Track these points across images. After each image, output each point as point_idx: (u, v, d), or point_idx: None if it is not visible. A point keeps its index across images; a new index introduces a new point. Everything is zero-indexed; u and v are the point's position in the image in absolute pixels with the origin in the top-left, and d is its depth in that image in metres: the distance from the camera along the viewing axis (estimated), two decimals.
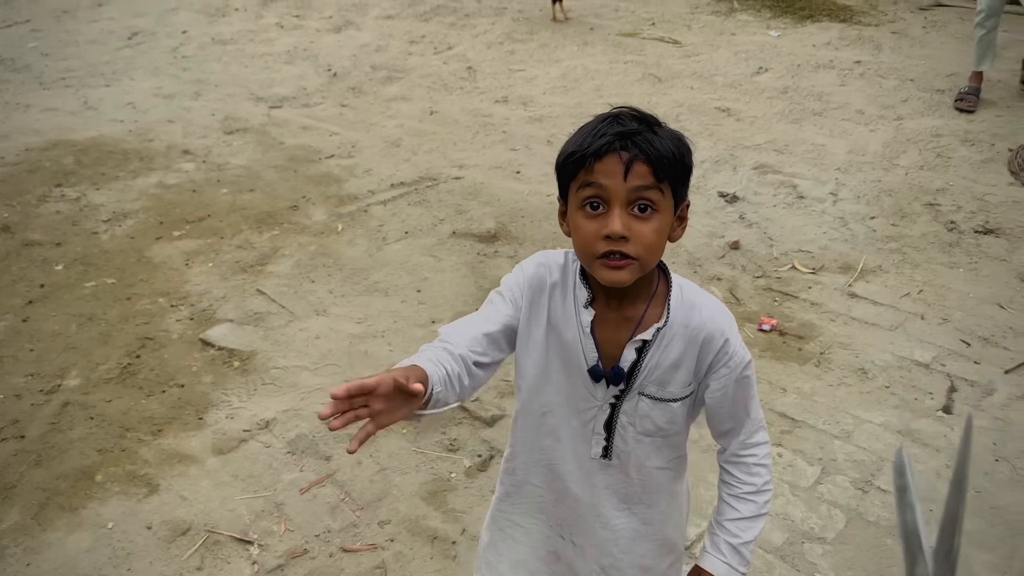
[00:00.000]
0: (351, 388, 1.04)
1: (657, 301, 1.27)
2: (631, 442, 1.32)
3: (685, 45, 6.02)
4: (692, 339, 1.26)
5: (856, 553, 2.25)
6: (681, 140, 1.20)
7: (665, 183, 1.17)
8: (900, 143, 4.54)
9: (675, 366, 1.27)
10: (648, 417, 1.30)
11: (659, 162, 1.14)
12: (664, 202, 1.17)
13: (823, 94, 5.13)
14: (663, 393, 1.28)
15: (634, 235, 1.15)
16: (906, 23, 6.32)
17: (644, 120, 1.19)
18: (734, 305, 3.28)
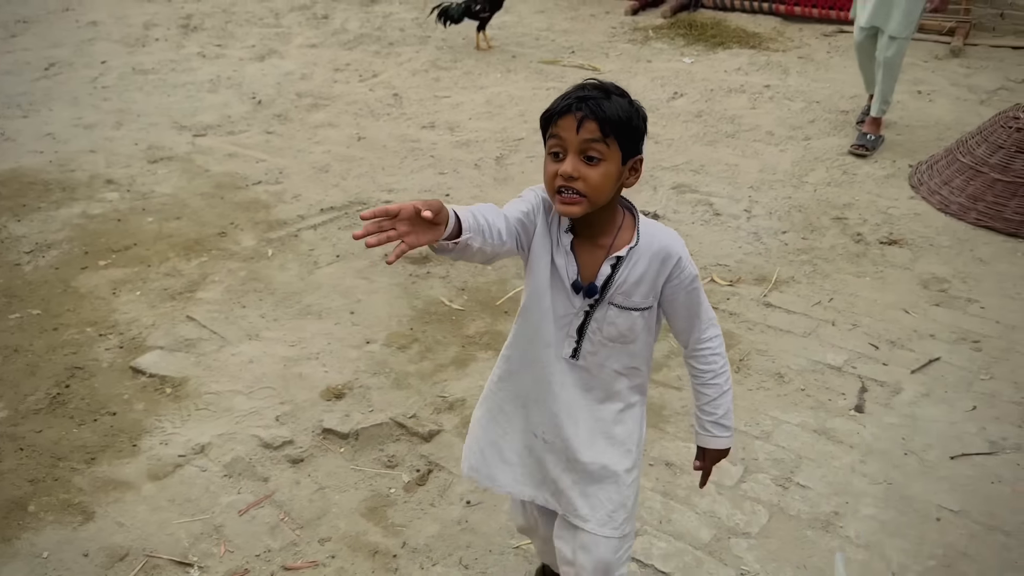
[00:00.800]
0: (376, 211, 1.31)
1: (625, 231, 1.60)
2: (596, 345, 1.65)
3: (604, 72, 6.23)
4: (654, 257, 1.58)
5: (779, 546, 2.37)
6: (632, 106, 1.50)
7: (611, 138, 1.46)
8: (808, 161, 4.80)
9: (639, 281, 1.59)
10: (613, 324, 1.62)
11: (605, 121, 1.45)
12: (610, 153, 1.48)
13: (735, 117, 5.38)
14: (628, 303, 1.61)
15: (583, 176, 1.46)
16: (811, 48, 6.67)
17: (603, 89, 1.50)
18: None
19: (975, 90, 5.83)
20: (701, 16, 7.34)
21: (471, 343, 3.28)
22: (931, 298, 3.54)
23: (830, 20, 7.11)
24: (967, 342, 3.24)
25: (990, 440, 2.76)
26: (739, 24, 7.15)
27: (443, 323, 3.39)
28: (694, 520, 2.45)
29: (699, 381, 1.72)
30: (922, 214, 4.22)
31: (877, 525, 2.44)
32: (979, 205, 4.12)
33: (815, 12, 7.21)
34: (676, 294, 1.62)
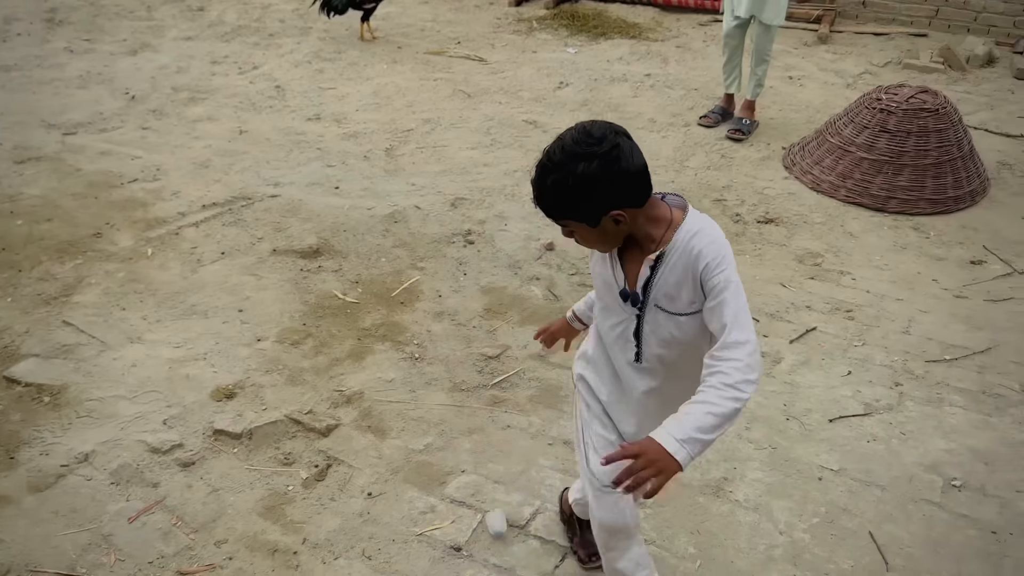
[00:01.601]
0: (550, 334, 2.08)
1: (671, 231, 1.60)
2: (656, 347, 1.69)
3: (491, 63, 6.25)
4: (690, 259, 1.56)
5: (674, 514, 2.46)
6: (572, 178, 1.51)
7: (563, 219, 1.58)
8: (689, 147, 4.96)
9: (679, 284, 1.60)
10: (664, 327, 1.65)
11: (547, 209, 1.58)
12: (574, 225, 1.58)
13: (619, 105, 5.50)
14: (672, 307, 1.63)
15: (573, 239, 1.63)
16: (688, 38, 6.89)
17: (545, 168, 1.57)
18: (553, 301, 3.47)
19: (841, 74, 6.15)
20: (583, 7, 7.47)
21: (367, 335, 3.24)
22: (806, 272, 3.72)
23: (705, 10, 7.36)
24: (840, 312, 3.43)
25: (864, 402, 2.93)
26: (619, 15, 7.31)
27: (337, 317, 3.34)
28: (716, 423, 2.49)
29: (705, 382, 1.52)
30: (795, 193, 4.43)
31: (764, 488, 2.56)
32: (848, 183, 4.36)
33: (691, 2, 7.45)
34: (708, 294, 1.57)
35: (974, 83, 6.04)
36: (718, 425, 1.46)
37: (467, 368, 3.07)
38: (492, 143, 4.95)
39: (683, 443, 1.43)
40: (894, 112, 4.34)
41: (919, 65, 6.26)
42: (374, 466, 2.62)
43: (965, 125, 4.49)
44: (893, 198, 4.25)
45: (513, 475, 2.58)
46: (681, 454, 1.42)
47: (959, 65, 6.23)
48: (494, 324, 3.33)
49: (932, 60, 6.34)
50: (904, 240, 4.01)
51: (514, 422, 2.81)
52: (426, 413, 2.85)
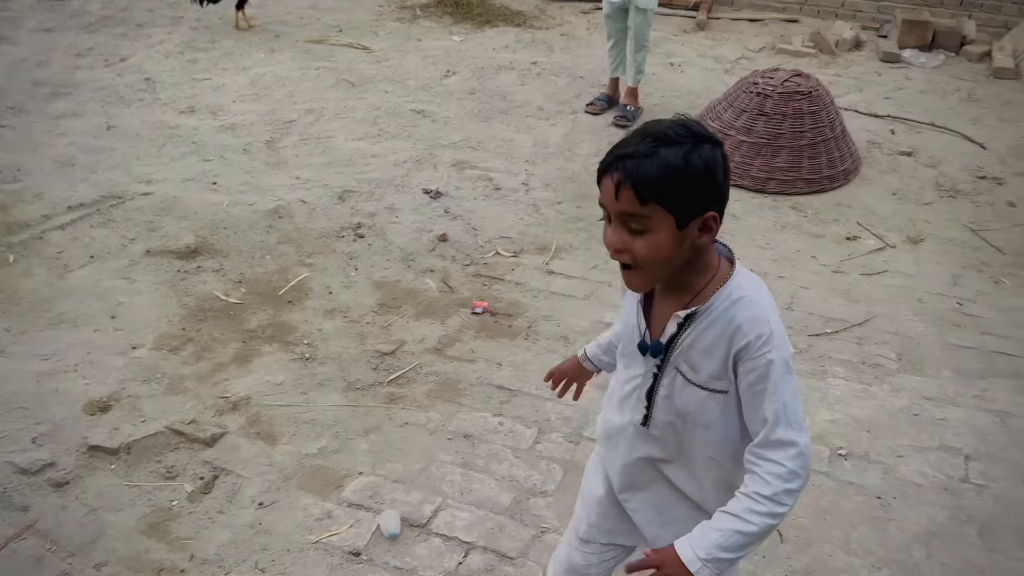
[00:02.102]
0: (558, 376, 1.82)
1: (712, 286, 1.33)
2: (667, 415, 1.42)
3: (375, 51, 6.12)
4: (725, 329, 1.31)
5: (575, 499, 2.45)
6: (685, 161, 1.23)
7: (652, 205, 1.24)
8: (577, 134, 4.98)
9: (708, 352, 1.33)
10: (681, 396, 1.39)
11: (641, 188, 1.22)
12: (655, 221, 1.25)
13: (507, 94, 5.48)
14: (694, 376, 1.36)
15: (629, 249, 1.27)
16: (572, 26, 6.93)
17: (659, 139, 1.24)
18: (448, 293, 3.42)
19: (720, 60, 6.33)
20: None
21: (253, 337, 3.10)
22: None
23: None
24: None
25: None
26: (503, 2, 7.29)
27: (220, 319, 3.19)
28: (494, 487, 2.48)
29: (740, 489, 1.34)
30: None
31: None
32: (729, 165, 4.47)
33: None
34: (741, 381, 1.33)
35: (843, 66, 6.32)
36: (747, 544, 1.31)
37: (361, 366, 2.98)
38: (379, 133, 4.84)
39: (706, 563, 1.29)
40: (770, 96, 4.48)
41: (792, 50, 6.51)
42: (265, 474, 2.51)
43: (836, 107, 4.69)
44: (772, 179, 4.40)
45: (412, 473, 2.52)
46: (703, 574, 1.29)
47: (829, 49, 6.50)
48: (388, 319, 3.25)
49: (804, 45, 6.60)
50: (784, 220, 4.15)
51: (412, 419, 2.75)
52: (319, 415, 2.75)
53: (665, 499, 1.52)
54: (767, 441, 1.31)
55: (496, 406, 2.81)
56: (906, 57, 6.44)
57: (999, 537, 2.37)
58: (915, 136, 5.12)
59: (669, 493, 1.52)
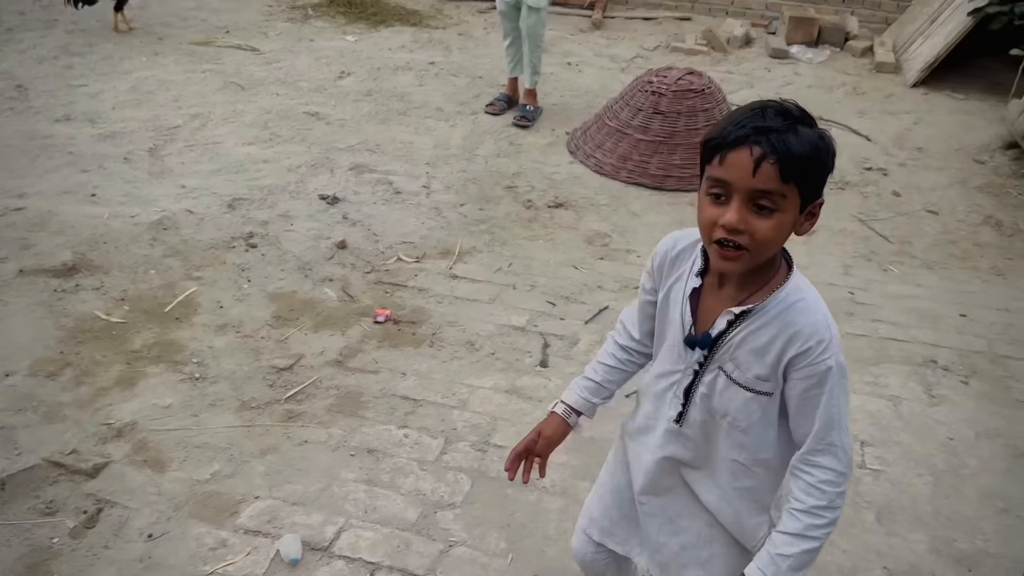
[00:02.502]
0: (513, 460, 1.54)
1: (768, 289, 1.30)
2: (703, 414, 1.38)
3: (264, 52, 5.92)
4: (782, 332, 1.27)
5: (484, 510, 2.40)
6: (822, 141, 1.20)
7: (791, 184, 1.18)
8: (478, 135, 4.93)
9: (757, 354, 1.29)
10: (721, 396, 1.35)
11: (788, 163, 1.16)
12: (787, 202, 1.19)
13: (404, 94, 5.39)
14: (739, 377, 1.32)
15: (750, 230, 1.19)
16: (470, 25, 6.88)
17: (790, 116, 1.19)
18: (348, 303, 3.31)
19: (616, 59, 6.39)
20: None
21: (138, 358, 2.93)
22: (596, 253, 3.80)
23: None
24: (630, 289, 3.53)
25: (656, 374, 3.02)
26: (398, 1, 7.18)
27: (101, 340, 2.99)
28: (399, 502, 2.40)
29: (788, 505, 1.35)
30: (581, 177, 4.53)
31: (569, 471, 2.57)
32: (628, 164, 4.50)
33: None
34: (792, 389, 1.31)
35: (735, 63, 6.48)
36: (814, 558, 1.34)
37: (256, 383, 2.85)
38: (271, 137, 4.67)
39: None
40: (665, 94, 4.53)
41: (685, 48, 6.63)
42: (153, 504, 2.36)
43: (729, 104, 4.78)
44: (670, 176, 4.45)
45: (313, 494, 2.42)
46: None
47: (721, 47, 6.65)
48: (285, 332, 3.12)
49: (697, 43, 6.74)
50: (682, 216, 4.20)
51: (312, 436, 2.64)
52: (211, 438, 2.61)
53: (680, 509, 1.50)
54: (818, 447, 1.30)
55: (401, 418, 2.73)
56: (794, 53, 6.65)
57: (896, 520, 2.44)
58: None
59: (686, 503, 1.49)
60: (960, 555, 2.35)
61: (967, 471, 2.65)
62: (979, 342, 3.29)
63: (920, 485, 2.58)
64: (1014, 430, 2.84)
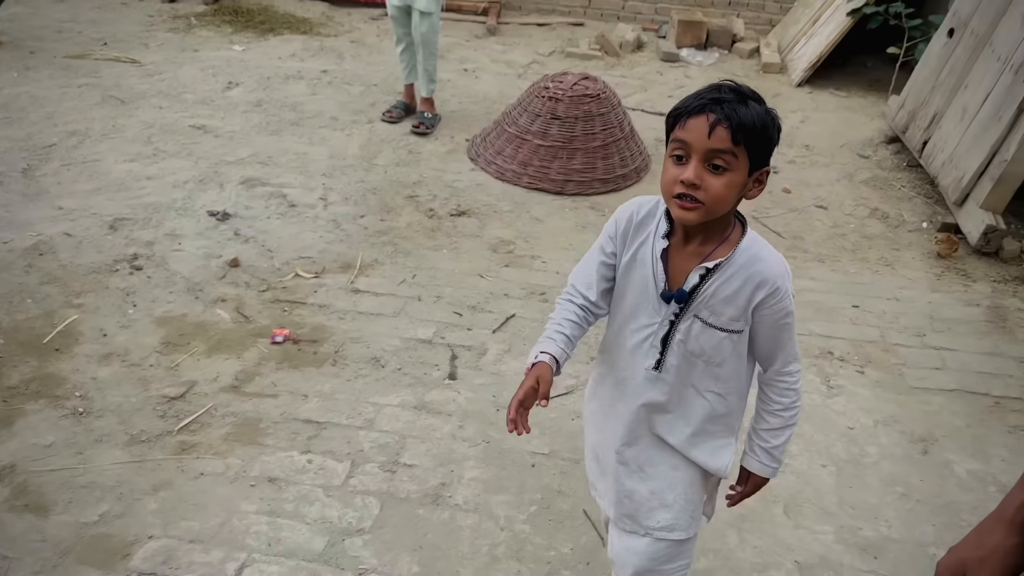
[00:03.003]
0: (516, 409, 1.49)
1: (728, 244, 1.49)
2: (680, 358, 1.55)
3: (145, 64, 5.65)
4: (749, 280, 1.48)
5: (394, 533, 2.32)
6: (769, 116, 1.41)
7: (741, 147, 1.38)
8: (375, 144, 4.83)
9: (728, 300, 1.49)
10: (697, 339, 1.53)
11: (739, 128, 1.36)
12: (737, 164, 1.39)
13: (297, 104, 5.23)
14: (714, 320, 1.51)
15: (705, 185, 1.38)
16: (362, 32, 6.76)
17: (740, 92, 1.40)
18: (244, 324, 3.17)
19: (512, 65, 6.39)
20: (246, 2, 7.02)
21: (15, 395, 2.72)
22: (501, 260, 3.77)
23: (375, 4, 7.26)
24: (536, 296, 3.51)
25: (565, 381, 3.00)
26: (287, 9, 6.99)
27: None
28: (305, 532, 2.30)
29: (766, 408, 1.65)
30: (483, 184, 4.49)
31: (481, 486, 2.51)
32: (529, 170, 4.49)
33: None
34: (763, 323, 1.54)
35: (628, 67, 6.57)
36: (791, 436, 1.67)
37: (146, 415, 2.69)
38: (155, 153, 4.45)
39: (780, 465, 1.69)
40: (561, 99, 4.54)
41: (580, 53, 6.69)
42: (36, 552, 2.19)
43: (624, 107, 4.83)
44: (570, 181, 4.46)
45: (211, 530, 2.29)
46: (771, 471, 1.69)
47: (614, 51, 6.74)
48: (175, 359, 2.96)
49: (590, 47, 6.81)
50: (584, 220, 4.21)
51: (208, 468, 2.50)
52: (98, 477, 2.44)
53: (651, 456, 1.66)
54: (788, 359, 1.59)
55: (303, 442, 2.62)
56: (684, 56, 6.80)
57: (803, 513, 2.49)
58: None
59: (655, 451, 1.66)
60: (866, 543, 2.41)
61: (868, 459, 2.73)
62: (872, 332, 3.41)
63: (824, 476, 2.64)
64: (909, 415, 2.95)
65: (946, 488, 2.64)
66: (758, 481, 1.70)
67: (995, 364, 3.27)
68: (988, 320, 3.57)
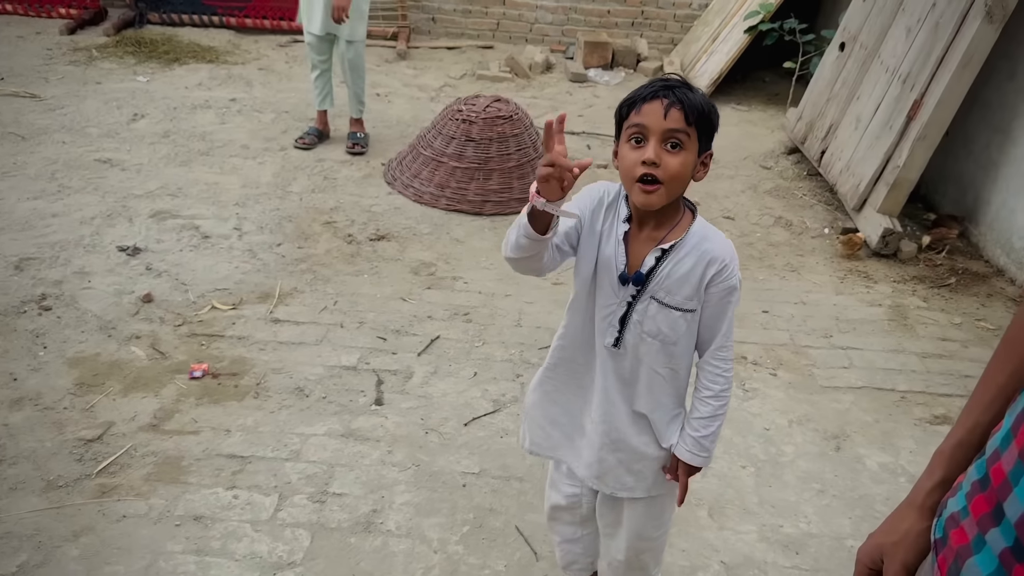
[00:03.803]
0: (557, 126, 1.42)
1: (680, 228, 1.59)
2: (636, 338, 1.64)
3: (46, 98, 5.47)
4: (700, 258, 1.57)
5: (327, 564, 2.30)
6: (710, 102, 1.54)
7: (692, 128, 1.49)
8: (289, 171, 4.79)
9: (683, 280, 1.58)
10: (654, 320, 1.62)
11: (690, 109, 1.48)
12: (690, 143, 1.50)
13: (206, 134, 5.15)
14: (669, 300, 1.60)
15: (664, 163, 1.49)
16: (270, 59, 6.69)
17: (685, 82, 1.53)
18: (160, 360, 3.10)
19: (424, 88, 6.42)
20: (149, 32, 6.88)
21: None
22: (423, 283, 3.78)
23: (283, 31, 7.22)
24: (459, 316, 3.53)
25: (492, 399, 3.03)
26: (192, 39, 6.86)
27: None
28: (235, 570, 2.25)
29: (699, 396, 1.70)
30: (401, 207, 4.50)
31: (413, 510, 2.51)
32: (447, 192, 4.53)
33: (267, 23, 7.26)
34: (710, 301, 1.61)
35: (539, 88, 6.69)
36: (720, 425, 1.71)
37: (62, 459, 2.60)
38: (60, 189, 4.31)
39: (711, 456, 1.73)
40: (475, 122, 4.60)
41: (491, 75, 6.78)
42: None
43: (537, 128, 4.92)
44: (488, 201, 4.51)
45: (137, 573, 2.22)
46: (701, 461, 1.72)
47: (523, 72, 6.86)
48: (90, 400, 2.87)
49: (501, 70, 6.91)
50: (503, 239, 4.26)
51: (130, 510, 2.43)
52: (15, 526, 2.34)
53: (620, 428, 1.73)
54: (724, 344, 1.65)
55: (228, 478, 2.57)
56: (592, 76, 6.97)
57: (726, 514, 2.58)
58: (609, 149, 5.51)
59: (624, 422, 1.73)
60: (787, 540, 2.51)
61: (785, 458, 2.85)
62: (782, 335, 3.56)
63: (744, 477, 2.74)
64: (821, 414, 3.08)
65: (859, 482, 2.77)
66: (688, 469, 1.74)
67: (899, 360, 3.45)
68: (890, 319, 3.77)
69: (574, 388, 1.80)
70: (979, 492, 0.97)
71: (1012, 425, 0.95)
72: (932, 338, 3.64)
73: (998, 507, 0.93)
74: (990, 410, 1.10)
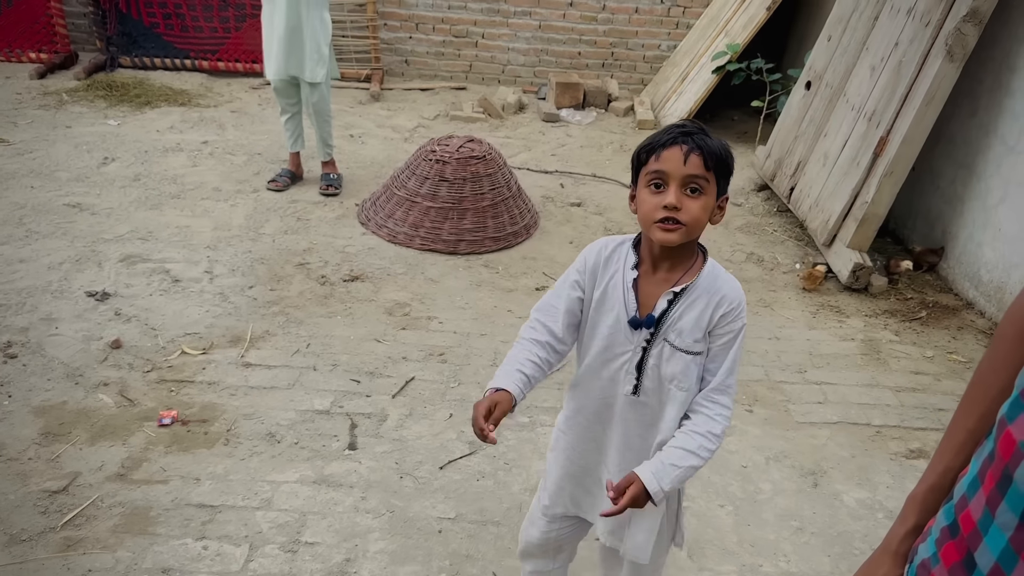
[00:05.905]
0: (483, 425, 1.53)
1: (693, 271, 1.60)
2: (655, 382, 1.63)
3: (15, 143, 5.42)
4: (711, 299, 1.58)
5: None
6: (725, 148, 1.56)
7: (711, 173, 1.52)
8: (262, 213, 4.77)
9: (695, 323, 1.58)
10: (668, 363, 1.61)
11: (709, 155, 1.51)
12: (709, 188, 1.53)
13: (177, 176, 5.12)
14: (681, 343, 1.59)
15: (685, 208, 1.51)
16: (243, 102, 6.69)
17: (702, 129, 1.55)
18: (128, 407, 3.03)
19: (398, 129, 6.45)
20: (120, 76, 6.87)
21: None
22: (397, 323, 3.75)
23: (256, 74, 7.23)
24: (434, 357, 3.50)
25: (468, 441, 3.00)
26: (164, 82, 6.86)
27: None
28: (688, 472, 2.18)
29: (683, 427, 1.64)
30: (375, 247, 4.48)
31: (388, 558, 2.46)
32: (421, 231, 4.52)
33: (239, 67, 7.27)
34: (715, 339, 1.61)
35: (512, 128, 6.75)
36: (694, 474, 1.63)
37: (26, 512, 2.52)
38: (27, 235, 4.25)
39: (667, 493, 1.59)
40: (448, 162, 4.61)
41: (464, 116, 6.83)
42: None
43: (510, 167, 4.95)
44: (462, 240, 4.51)
45: None
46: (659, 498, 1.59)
47: (496, 113, 6.91)
48: (56, 449, 2.79)
49: (474, 110, 6.96)
50: (478, 278, 4.26)
51: (96, 564, 2.36)
52: None
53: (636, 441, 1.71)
54: (720, 387, 1.62)
55: (198, 528, 2.51)
56: (564, 116, 7.04)
57: (705, 555, 2.55)
58: (581, 187, 5.57)
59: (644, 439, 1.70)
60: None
61: (763, 496, 2.83)
62: (757, 371, 3.57)
63: (723, 515, 2.72)
64: (797, 450, 3.08)
65: (837, 518, 2.76)
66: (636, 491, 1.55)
67: (873, 395, 3.47)
68: (863, 353, 3.79)
69: (588, 440, 1.78)
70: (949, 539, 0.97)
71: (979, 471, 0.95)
72: (905, 372, 3.67)
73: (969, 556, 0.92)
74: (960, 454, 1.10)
